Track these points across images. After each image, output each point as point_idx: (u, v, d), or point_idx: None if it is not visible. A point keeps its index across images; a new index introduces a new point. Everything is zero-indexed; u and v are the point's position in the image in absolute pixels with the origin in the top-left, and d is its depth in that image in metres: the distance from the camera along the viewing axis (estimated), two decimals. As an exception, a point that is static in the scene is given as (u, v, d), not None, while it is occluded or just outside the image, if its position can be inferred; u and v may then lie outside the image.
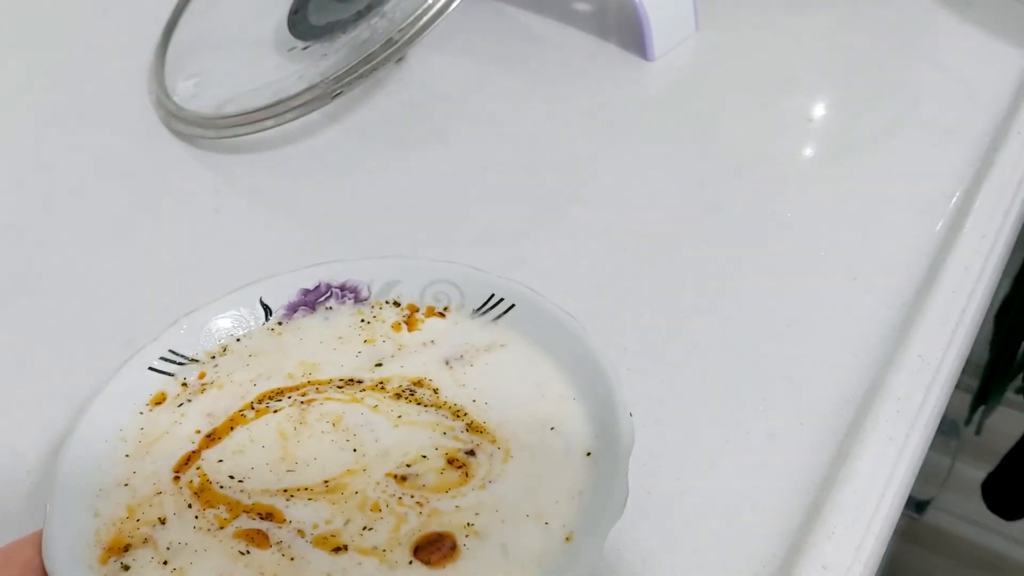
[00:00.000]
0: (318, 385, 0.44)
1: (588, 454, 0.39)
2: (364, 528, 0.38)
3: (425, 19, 0.59)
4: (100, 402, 0.42)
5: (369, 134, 0.66)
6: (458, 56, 0.68)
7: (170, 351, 0.45)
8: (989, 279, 0.51)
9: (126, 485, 0.40)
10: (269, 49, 0.70)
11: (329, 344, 0.46)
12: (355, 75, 0.60)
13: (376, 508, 0.38)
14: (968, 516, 1.52)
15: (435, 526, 0.37)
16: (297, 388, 0.44)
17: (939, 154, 0.59)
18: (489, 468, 0.39)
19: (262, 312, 0.47)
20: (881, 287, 0.51)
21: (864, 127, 0.62)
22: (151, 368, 0.44)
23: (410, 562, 0.36)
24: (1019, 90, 0.62)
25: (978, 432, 1.18)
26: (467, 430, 0.41)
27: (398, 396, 0.43)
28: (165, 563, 0.37)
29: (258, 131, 0.63)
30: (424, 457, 0.40)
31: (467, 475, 0.39)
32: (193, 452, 0.42)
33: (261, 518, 0.39)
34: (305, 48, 0.68)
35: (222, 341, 0.46)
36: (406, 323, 0.47)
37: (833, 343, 0.49)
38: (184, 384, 0.44)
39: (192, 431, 0.43)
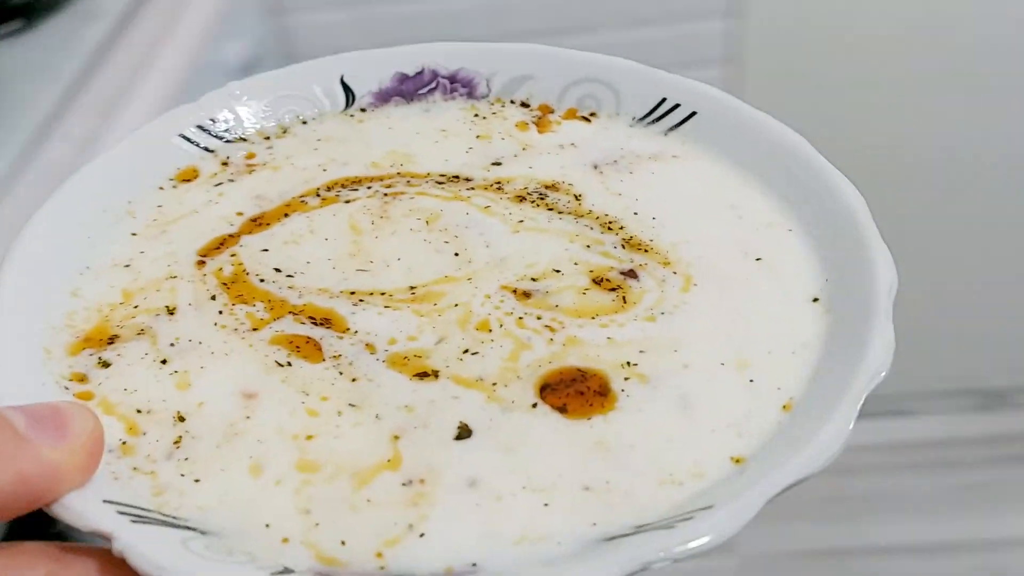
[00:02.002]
0: (410, 177, 0.32)
1: (815, 300, 0.26)
2: (465, 352, 0.25)
3: None
4: (103, 162, 0.30)
5: None
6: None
7: (211, 120, 0.33)
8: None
9: (127, 266, 0.28)
10: None
11: (429, 136, 0.33)
12: None
13: (484, 327, 0.25)
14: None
15: (575, 360, 0.24)
16: (381, 178, 0.32)
17: None
18: (660, 296, 0.26)
19: (342, 95, 0.34)
20: None
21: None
22: (182, 136, 0.32)
23: (534, 404, 0.23)
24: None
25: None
26: (623, 247, 0.28)
27: (521, 199, 0.30)
28: (164, 363, 0.25)
29: None
30: (557, 272, 0.27)
31: (624, 301, 0.26)
32: (230, 236, 0.29)
33: (314, 324, 0.26)
34: None
35: (283, 121, 0.34)
36: (536, 124, 0.34)
37: None
38: (225, 163, 0.32)
39: (232, 212, 0.30)
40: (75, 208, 0.28)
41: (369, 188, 0.31)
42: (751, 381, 0.24)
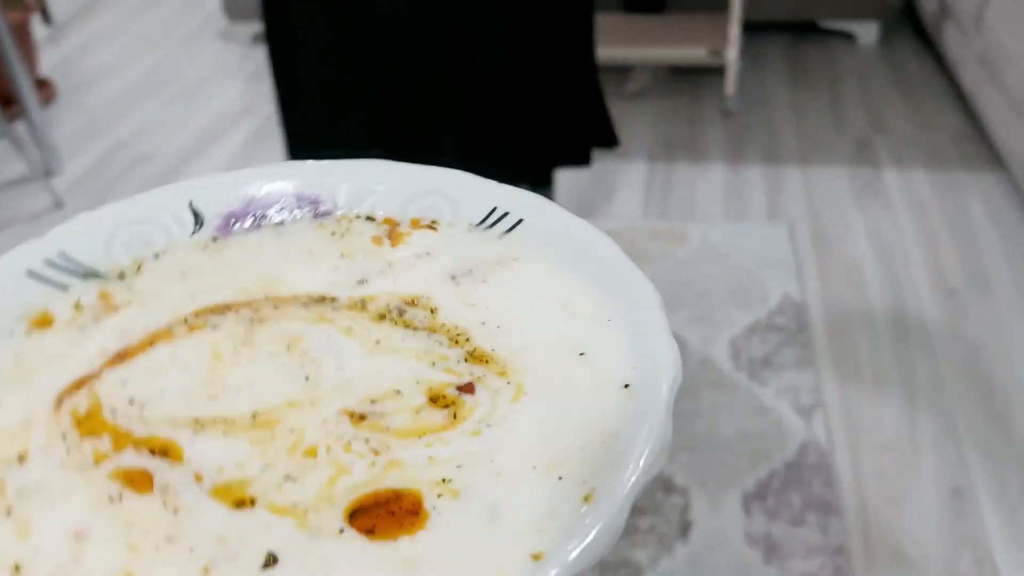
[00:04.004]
0: (276, 302, 0.32)
1: (626, 386, 0.27)
2: (285, 477, 0.25)
3: None
4: None
5: None
6: None
7: (60, 254, 0.33)
8: None
9: None
10: None
11: (293, 257, 0.34)
12: None
13: (312, 453, 0.26)
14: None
15: (392, 482, 0.25)
16: (250, 304, 0.32)
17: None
18: (491, 408, 0.27)
19: (191, 220, 0.35)
20: None
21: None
22: (32, 273, 0.32)
23: (341, 530, 0.24)
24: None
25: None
26: (466, 360, 0.29)
27: (381, 317, 0.31)
28: (9, 513, 0.26)
29: None
30: (398, 393, 0.28)
31: (455, 417, 0.27)
32: (91, 375, 0.30)
33: (152, 454, 0.27)
34: None
35: (136, 255, 0.34)
36: (388, 238, 0.35)
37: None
38: (78, 307, 0.32)
39: (94, 352, 0.31)
40: None
41: (237, 314, 0.32)
42: (560, 479, 0.24)
